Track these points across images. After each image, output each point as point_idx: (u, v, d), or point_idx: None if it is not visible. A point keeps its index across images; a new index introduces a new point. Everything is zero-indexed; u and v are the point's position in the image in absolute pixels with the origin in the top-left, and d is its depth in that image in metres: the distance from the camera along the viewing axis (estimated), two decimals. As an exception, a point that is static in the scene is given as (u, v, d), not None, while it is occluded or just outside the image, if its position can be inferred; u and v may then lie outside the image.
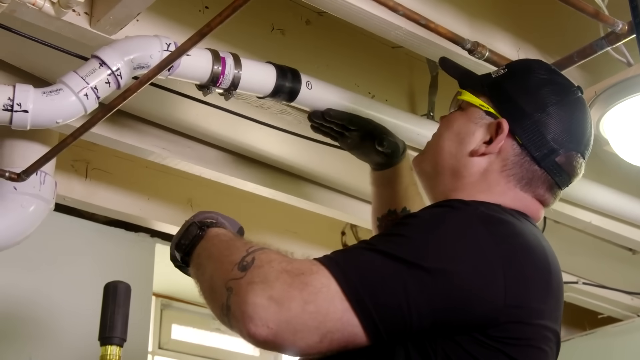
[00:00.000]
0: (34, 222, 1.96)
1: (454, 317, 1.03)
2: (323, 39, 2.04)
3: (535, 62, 1.38)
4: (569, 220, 2.52)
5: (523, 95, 1.26)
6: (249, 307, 1.00)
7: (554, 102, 1.26)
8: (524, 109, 1.25)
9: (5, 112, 1.48)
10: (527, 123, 1.24)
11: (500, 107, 1.27)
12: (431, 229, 1.07)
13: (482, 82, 1.32)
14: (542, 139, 1.24)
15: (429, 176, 1.33)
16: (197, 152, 2.21)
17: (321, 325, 0.99)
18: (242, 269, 1.06)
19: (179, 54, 1.28)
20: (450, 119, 1.33)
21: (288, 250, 1.13)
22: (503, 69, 1.34)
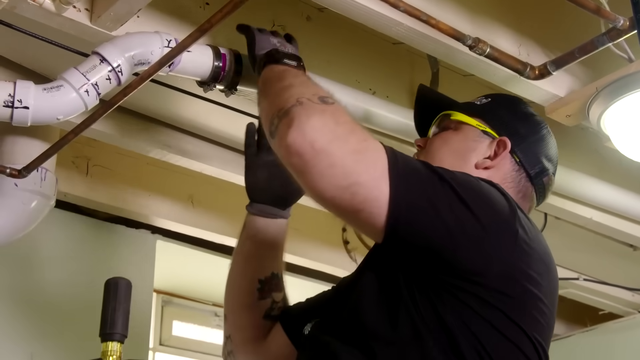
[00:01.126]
0: (34, 218, 1.96)
1: (468, 251, 1.08)
2: (324, 35, 2.04)
3: (515, 97, 1.52)
4: (569, 217, 2.52)
5: (516, 120, 1.41)
6: (309, 122, 1.04)
7: (541, 130, 1.43)
8: (519, 131, 1.39)
9: (6, 109, 1.48)
10: (523, 143, 1.39)
11: (496, 128, 1.39)
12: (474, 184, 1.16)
13: (470, 107, 1.42)
14: (535, 158, 1.40)
15: None
16: (198, 149, 2.21)
17: (356, 173, 1.03)
18: (321, 100, 1.10)
19: (180, 51, 1.28)
20: (444, 137, 1.40)
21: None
22: (485, 98, 1.45)
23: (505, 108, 1.44)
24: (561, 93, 1.92)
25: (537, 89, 1.87)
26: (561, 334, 3.32)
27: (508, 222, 1.14)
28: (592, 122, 1.92)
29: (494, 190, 1.19)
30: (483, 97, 1.48)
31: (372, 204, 1.04)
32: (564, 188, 2.34)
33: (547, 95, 1.91)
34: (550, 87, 1.89)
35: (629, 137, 1.92)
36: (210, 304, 3.41)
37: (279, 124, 1.08)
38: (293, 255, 2.83)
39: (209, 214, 2.63)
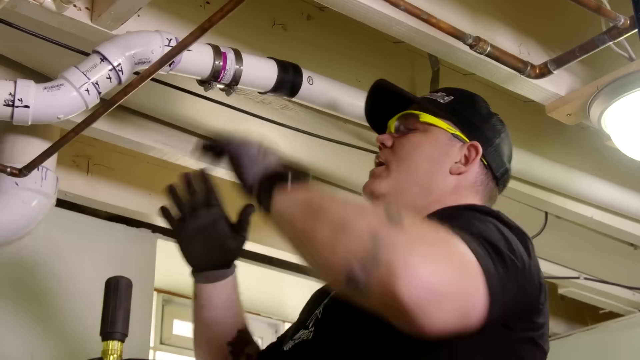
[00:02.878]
0: (35, 217, 1.96)
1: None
2: (324, 34, 2.04)
3: (474, 95, 1.47)
4: (570, 216, 2.52)
5: (481, 122, 1.40)
6: (413, 266, 0.89)
7: (502, 130, 1.43)
8: (485, 134, 1.39)
9: (7, 108, 1.48)
10: (490, 146, 1.39)
11: (465, 131, 1.37)
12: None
13: (436, 106, 1.39)
14: (501, 160, 1.40)
15: (397, 197, 1.33)
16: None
17: (470, 303, 0.93)
18: (391, 220, 0.95)
19: (180, 49, 1.28)
20: (414, 141, 1.36)
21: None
22: (446, 95, 1.42)
23: (470, 108, 1.42)
24: (562, 92, 1.92)
25: (538, 87, 1.87)
26: (562, 332, 3.32)
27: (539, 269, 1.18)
28: (592, 121, 1.92)
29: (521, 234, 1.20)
30: (443, 93, 1.43)
31: (470, 313, 0.95)
32: (565, 187, 2.34)
33: (548, 94, 1.91)
34: (550, 86, 1.89)
35: (629, 136, 1.92)
36: (211, 302, 3.41)
37: (370, 277, 0.91)
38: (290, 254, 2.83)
39: (209, 212, 2.63)
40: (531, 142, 2.31)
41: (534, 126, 2.35)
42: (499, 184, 1.41)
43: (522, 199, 2.41)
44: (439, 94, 1.43)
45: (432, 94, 1.44)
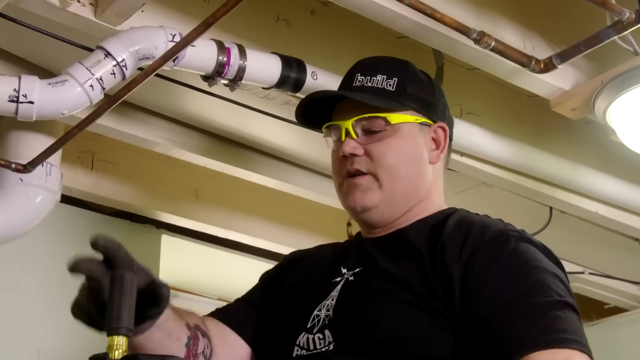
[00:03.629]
0: (40, 213, 1.97)
1: None
2: (328, 29, 2.03)
3: (403, 62, 1.42)
4: (575, 211, 2.51)
5: (431, 94, 1.39)
6: None
7: (440, 91, 1.43)
8: (439, 107, 1.39)
9: (11, 103, 1.49)
10: (446, 117, 1.41)
11: (427, 114, 1.37)
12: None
13: (392, 97, 1.34)
14: (452, 122, 1.44)
15: (390, 206, 1.33)
16: (203, 143, 2.21)
17: None
18: None
19: (184, 45, 1.28)
20: (391, 145, 1.32)
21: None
22: (387, 77, 1.36)
23: (417, 83, 1.38)
24: (566, 86, 1.91)
25: (542, 82, 1.87)
26: (566, 327, 3.31)
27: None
28: (597, 115, 1.91)
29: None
30: (383, 77, 1.36)
31: None
32: (570, 182, 2.34)
33: (552, 89, 1.91)
34: (555, 81, 1.88)
35: (634, 130, 1.91)
36: (216, 298, 3.42)
37: None
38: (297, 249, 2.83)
39: (213, 208, 2.64)
40: (536, 137, 2.31)
41: (539, 121, 2.34)
42: (452, 138, 1.43)
43: (526, 194, 2.41)
44: (378, 77, 1.36)
45: (370, 79, 1.36)
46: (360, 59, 1.44)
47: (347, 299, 1.25)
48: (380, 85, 1.35)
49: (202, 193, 2.62)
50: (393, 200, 1.32)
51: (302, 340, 1.25)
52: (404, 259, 1.23)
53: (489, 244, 1.19)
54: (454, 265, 1.17)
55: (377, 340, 1.16)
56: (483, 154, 2.16)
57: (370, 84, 1.36)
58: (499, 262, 1.17)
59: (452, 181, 2.42)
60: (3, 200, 1.91)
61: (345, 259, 1.33)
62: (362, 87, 1.36)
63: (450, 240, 1.21)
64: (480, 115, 2.24)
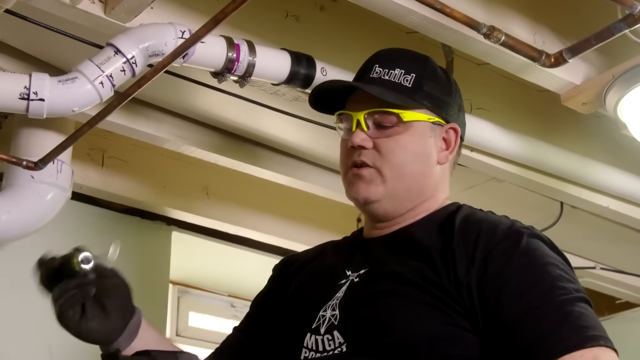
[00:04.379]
0: (51, 210, 1.97)
1: None
2: (337, 25, 2.03)
3: (424, 58, 1.39)
4: (586, 205, 2.50)
5: (447, 94, 1.37)
6: None
7: (456, 86, 1.40)
8: (454, 108, 1.37)
9: (22, 101, 1.49)
10: (459, 117, 1.39)
11: (441, 113, 1.35)
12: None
13: (408, 93, 1.32)
14: (464, 123, 1.41)
15: (393, 202, 1.31)
16: (213, 140, 2.21)
17: None
18: None
19: (194, 41, 1.28)
20: (400, 142, 1.30)
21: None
22: (405, 72, 1.33)
23: (434, 81, 1.35)
24: (577, 81, 1.90)
25: (553, 76, 1.86)
26: (578, 323, 3.30)
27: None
28: (608, 109, 1.91)
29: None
30: (401, 71, 1.34)
31: None
32: (580, 176, 2.33)
33: (563, 83, 1.90)
34: (566, 75, 1.87)
35: (646, 124, 1.90)
36: (226, 294, 3.42)
37: None
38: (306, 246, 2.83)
39: (223, 205, 2.64)
40: (546, 132, 2.30)
41: (549, 115, 2.33)
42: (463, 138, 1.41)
43: (537, 189, 2.40)
44: (397, 71, 1.34)
45: (388, 72, 1.34)
46: (380, 49, 1.42)
47: (355, 300, 1.24)
48: (397, 79, 1.34)
49: (212, 190, 2.63)
50: (396, 197, 1.31)
51: (309, 341, 1.24)
52: (412, 259, 1.22)
53: (501, 244, 1.19)
54: (468, 269, 1.17)
55: (394, 342, 1.16)
56: (493, 149, 2.15)
57: (387, 77, 1.34)
58: (514, 262, 1.17)
59: (462, 177, 2.42)
60: (14, 198, 1.92)
61: (350, 261, 1.33)
62: (378, 80, 1.34)
63: (461, 242, 1.20)
64: (490, 110, 2.23)
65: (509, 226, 1.23)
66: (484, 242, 1.19)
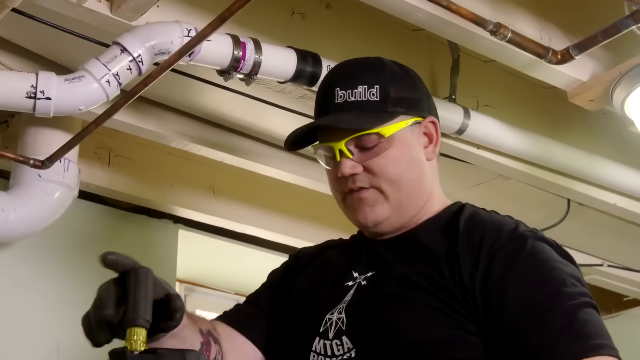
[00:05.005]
0: (58, 209, 1.98)
1: None
2: (343, 22, 2.03)
3: (380, 62, 1.36)
4: (593, 202, 2.49)
5: (413, 90, 1.35)
6: None
7: (417, 77, 1.38)
8: (423, 100, 1.36)
9: (29, 100, 1.50)
10: (431, 106, 1.37)
11: (415, 112, 1.33)
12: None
13: (379, 107, 1.29)
14: (437, 111, 1.39)
15: (399, 213, 1.30)
16: (219, 138, 2.21)
17: None
18: None
19: (200, 40, 1.28)
20: (390, 157, 1.28)
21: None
22: (368, 87, 1.30)
23: (397, 84, 1.32)
24: (584, 77, 1.90)
25: (560, 73, 1.86)
26: (585, 320, 3.30)
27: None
28: (615, 106, 1.90)
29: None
30: (364, 87, 1.30)
31: None
32: (587, 173, 2.32)
33: (570, 80, 1.90)
34: (572, 72, 1.87)
35: (653, 121, 1.90)
36: (233, 292, 3.43)
37: None
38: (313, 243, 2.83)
39: (230, 202, 2.64)
40: (553, 129, 2.29)
41: (556, 112, 2.33)
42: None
43: (544, 186, 2.40)
44: (359, 89, 1.30)
45: (352, 93, 1.30)
46: (334, 67, 1.41)
47: (363, 305, 1.24)
48: (363, 97, 1.30)
49: (219, 188, 2.63)
50: (401, 209, 1.30)
51: (318, 346, 1.24)
52: (418, 262, 1.22)
53: (506, 247, 1.18)
54: (472, 273, 1.16)
55: (401, 347, 1.16)
56: (500, 146, 2.15)
57: (354, 98, 1.29)
58: (518, 266, 1.16)
59: (469, 174, 2.41)
60: (22, 196, 1.93)
61: (357, 261, 1.32)
62: (344, 104, 1.30)
63: (466, 245, 1.19)
64: (496, 107, 2.23)
65: (513, 228, 1.22)
66: (488, 245, 1.18)
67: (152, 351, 1.10)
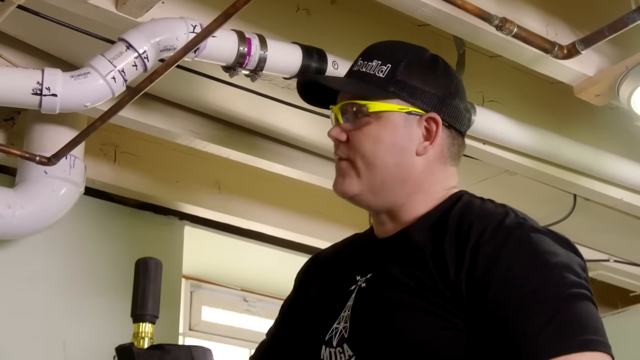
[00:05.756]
0: (64, 205, 1.98)
1: None
2: (349, 18, 2.03)
3: (406, 47, 1.36)
4: (599, 198, 2.49)
5: (428, 83, 1.30)
6: None
7: (452, 80, 1.34)
8: (437, 96, 1.30)
9: (35, 96, 1.50)
10: (446, 106, 1.31)
11: (417, 103, 1.29)
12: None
13: (378, 83, 1.30)
14: (459, 112, 1.33)
15: (374, 195, 1.29)
16: (224, 134, 2.21)
17: None
18: None
19: (205, 36, 1.28)
20: (371, 134, 1.28)
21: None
22: (382, 63, 1.31)
23: (413, 71, 1.30)
24: (590, 72, 1.89)
25: (566, 68, 1.85)
26: (591, 316, 3.29)
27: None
28: (622, 101, 1.89)
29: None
30: (378, 62, 1.31)
31: None
32: (594, 168, 2.32)
33: (576, 75, 1.89)
34: (578, 67, 1.86)
35: (660, 116, 1.89)
36: (239, 289, 3.43)
37: None
38: (318, 240, 2.84)
39: (236, 199, 2.65)
40: (559, 124, 2.29)
41: (562, 107, 2.32)
42: (464, 132, 1.35)
43: (550, 182, 2.39)
44: (374, 62, 1.31)
45: (366, 64, 1.32)
46: (375, 42, 1.40)
47: (361, 311, 1.24)
48: (372, 71, 1.31)
49: (224, 184, 2.63)
50: (374, 190, 1.29)
51: (324, 354, 1.24)
52: (409, 263, 1.21)
53: (491, 240, 1.15)
54: (458, 271, 1.14)
55: (398, 352, 1.16)
56: (506, 141, 2.14)
57: (365, 70, 1.32)
58: (503, 259, 1.13)
59: (475, 169, 2.41)
60: (28, 193, 1.93)
61: (359, 263, 1.32)
62: (356, 72, 1.33)
63: (453, 241, 1.18)
64: (502, 102, 2.22)
65: (500, 220, 1.18)
66: (474, 239, 1.16)
67: (159, 347, 1.10)
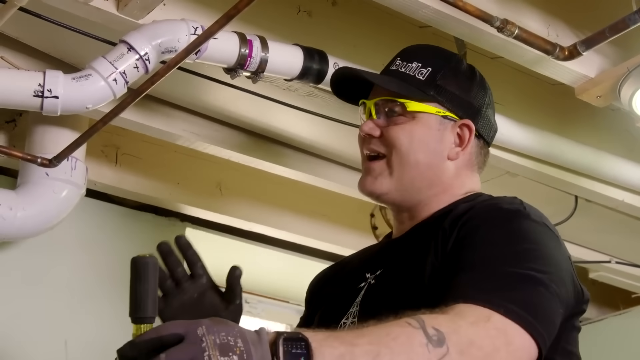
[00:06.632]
0: (66, 207, 1.99)
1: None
2: (350, 19, 2.03)
3: (447, 54, 1.40)
4: (600, 199, 2.49)
5: (466, 91, 1.35)
6: None
7: (486, 92, 1.38)
8: (473, 105, 1.35)
9: (36, 98, 1.50)
10: (480, 116, 1.35)
11: (454, 108, 1.32)
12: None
13: (418, 85, 1.32)
14: (490, 124, 1.38)
15: (402, 193, 1.31)
16: (226, 136, 2.22)
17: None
18: (434, 343, 0.95)
19: (206, 38, 1.28)
20: (407, 130, 1.30)
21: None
22: (422, 66, 1.34)
23: (452, 77, 1.34)
24: (591, 74, 1.89)
25: (567, 69, 1.85)
26: (593, 317, 3.29)
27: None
28: (623, 102, 1.89)
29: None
30: (418, 64, 1.34)
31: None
32: (595, 170, 2.32)
33: (577, 76, 1.89)
34: (580, 68, 1.86)
35: (661, 117, 1.89)
36: (240, 290, 3.43)
37: None
38: (320, 241, 2.84)
39: (237, 201, 2.65)
40: (560, 125, 2.29)
41: (563, 109, 2.32)
42: (490, 142, 1.40)
43: (551, 183, 2.39)
44: (414, 64, 1.34)
45: (405, 65, 1.35)
46: (412, 45, 1.42)
47: (369, 305, 1.24)
48: (412, 72, 1.34)
49: (226, 186, 2.63)
50: (403, 188, 1.31)
51: None
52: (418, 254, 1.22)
53: (476, 212, 1.19)
54: (447, 245, 1.17)
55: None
56: (507, 143, 2.14)
57: (404, 70, 1.35)
58: (483, 224, 1.17)
59: (476, 171, 2.41)
60: (29, 195, 1.93)
61: (370, 262, 1.33)
62: (395, 72, 1.35)
63: (452, 224, 1.20)
64: (503, 104, 2.22)
65: (497, 201, 1.23)
66: (466, 216, 1.19)
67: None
